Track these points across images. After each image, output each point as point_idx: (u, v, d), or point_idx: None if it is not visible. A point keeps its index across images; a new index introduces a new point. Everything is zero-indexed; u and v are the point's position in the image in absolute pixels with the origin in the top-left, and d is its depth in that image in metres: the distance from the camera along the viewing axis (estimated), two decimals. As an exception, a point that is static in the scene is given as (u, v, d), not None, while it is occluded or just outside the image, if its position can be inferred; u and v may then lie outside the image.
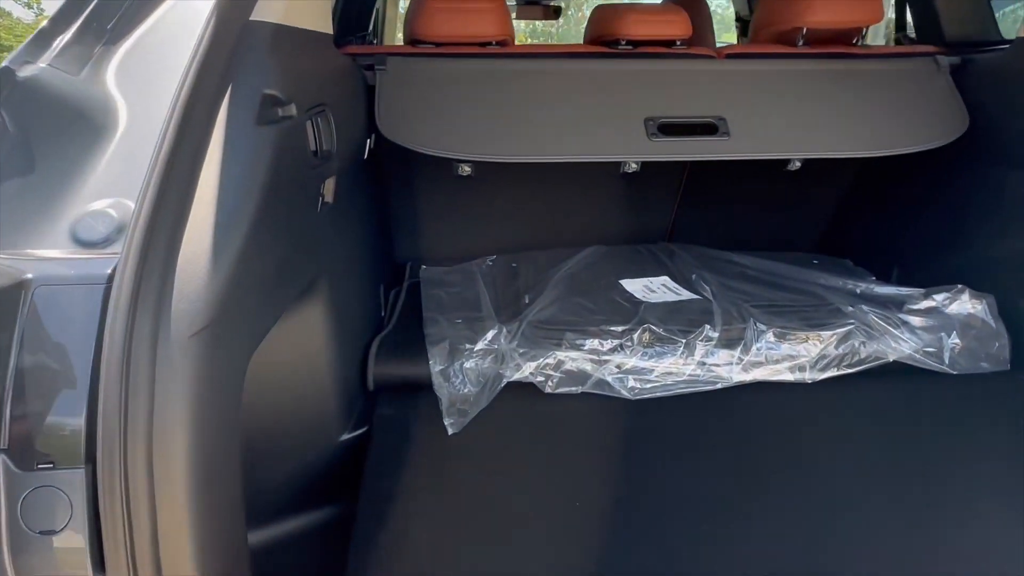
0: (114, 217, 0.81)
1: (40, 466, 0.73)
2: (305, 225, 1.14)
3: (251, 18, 0.97)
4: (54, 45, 0.91)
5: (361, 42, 2.14)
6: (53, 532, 0.73)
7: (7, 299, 0.71)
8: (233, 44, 0.91)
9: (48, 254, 0.75)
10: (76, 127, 0.86)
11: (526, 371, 1.62)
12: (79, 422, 0.73)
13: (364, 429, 1.58)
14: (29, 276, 0.71)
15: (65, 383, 0.74)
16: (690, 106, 1.89)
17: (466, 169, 2.34)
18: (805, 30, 2.08)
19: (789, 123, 1.89)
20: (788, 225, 2.71)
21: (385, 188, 2.32)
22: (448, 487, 1.38)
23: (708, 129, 1.84)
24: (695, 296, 1.98)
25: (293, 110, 1.03)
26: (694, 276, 2.10)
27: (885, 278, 2.33)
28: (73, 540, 0.73)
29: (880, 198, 2.42)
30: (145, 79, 0.93)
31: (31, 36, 0.91)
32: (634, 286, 2.11)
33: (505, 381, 1.60)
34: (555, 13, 4.65)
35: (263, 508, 1.43)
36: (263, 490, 1.41)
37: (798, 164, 2.43)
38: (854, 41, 2.21)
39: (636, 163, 2.37)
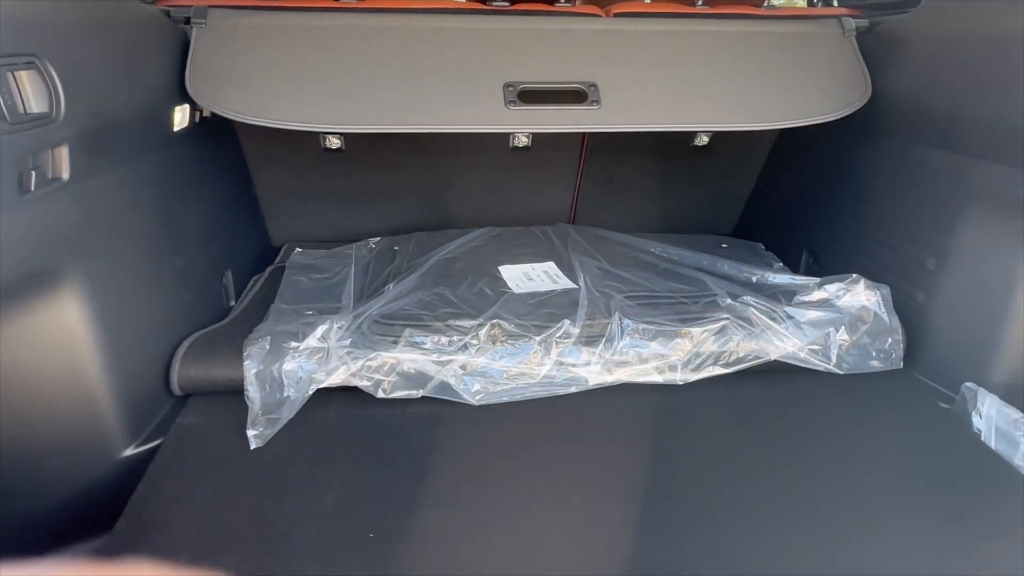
0: None
1: None
2: None
3: None
4: None
5: None
6: None
7: None
8: None
9: None
10: None
11: (344, 374, 1.41)
12: None
13: (160, 441, 1.36)
14: None
15: None
16: (562, 70, 1.67)
17: (334, 141, 2.11)
18: (704, -13, 1.87)
19: (671, 92, 1.68)
20: (705, 206, 2.52)
21: (242, 163, 2.08)
22: (231, 515, 1.17)
23: (575, 96, 1.62)
24: (572, 286, 1.78)
25: None
26: (578, 263, 1.90)
27: (795, 264, 2.15)
28: None
29: (790, 177, 2.22)
30: None
31: None
32: (513, 273, 1.91)
33: (315, 387, 1.39)
34: None
35: (21, 544, 1.22)
36: (14, 524, 1.20)
37: (705, 139, 2.24)
38: (763, 3, 2.00)
39: (526, 136, 2.16)
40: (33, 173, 1.00)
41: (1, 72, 0.92)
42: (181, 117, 1.57)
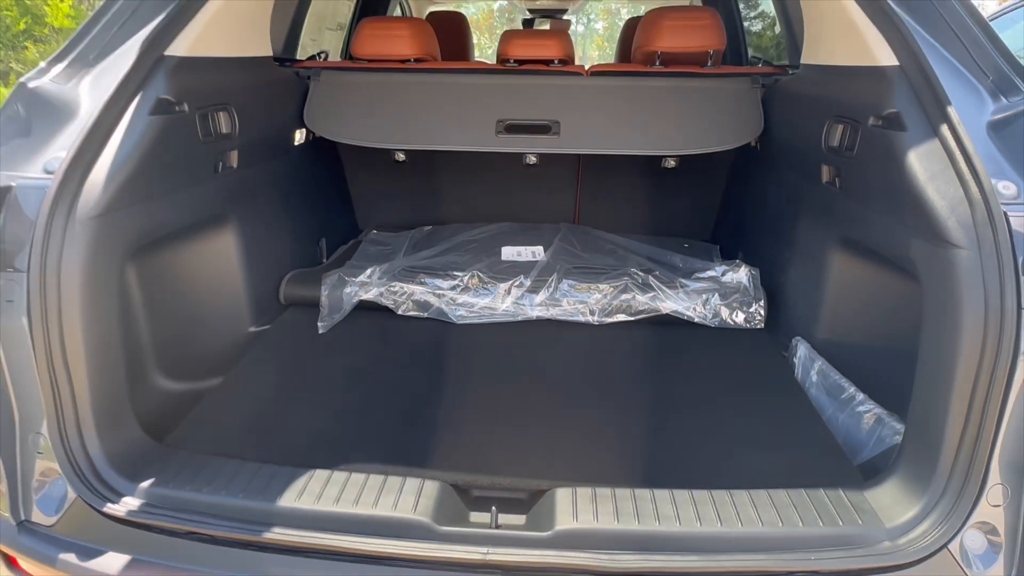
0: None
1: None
2: (198, 175, 1.86)
3: (164, 53, 1.69)
4: (55, 68, 1.65)
5: (316, 59, 2.88)
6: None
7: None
8: (149, 68, 1.64)
9: (27, 174, 1.49)
10: (58, 113, 1.59)
11: (375, 294, 2.28)
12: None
13: (270, 326, 2.29)
14: (12, 184, 1.45)
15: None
16: (538, 112, 2.47)
17: (400, 156, 3.03)
18: (660, 52, 2.60)
19: (613, 127, 2.43)
20: (683, 216, 3.19)
21: (340, 169, 3.05)
22: (297, 365, 2.05)
23: (542, 129, 2.42)
24: (540, 259, 2.55)
25: (185, 107, 1.75)
26: (554, 246, 2.67)
27: (734, 259, 2.78)
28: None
29: (736, 196, 2.86)
30: (101, 90, 1.66)
31: (45, 61, 1.67)
32: (509, 251, 2.71)
33: (358, 298, 2.27)
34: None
35: (190, 368, 2.16)
36: (190, 356, 2.15)
37: (672, 163, 2.93)
38: (708, 63, 2.70)
39: (534, 156, 2.97)
40: (220, 163, 1.96)
41: (213, 112, 1.88)
42: (300, 136, 2.54)
